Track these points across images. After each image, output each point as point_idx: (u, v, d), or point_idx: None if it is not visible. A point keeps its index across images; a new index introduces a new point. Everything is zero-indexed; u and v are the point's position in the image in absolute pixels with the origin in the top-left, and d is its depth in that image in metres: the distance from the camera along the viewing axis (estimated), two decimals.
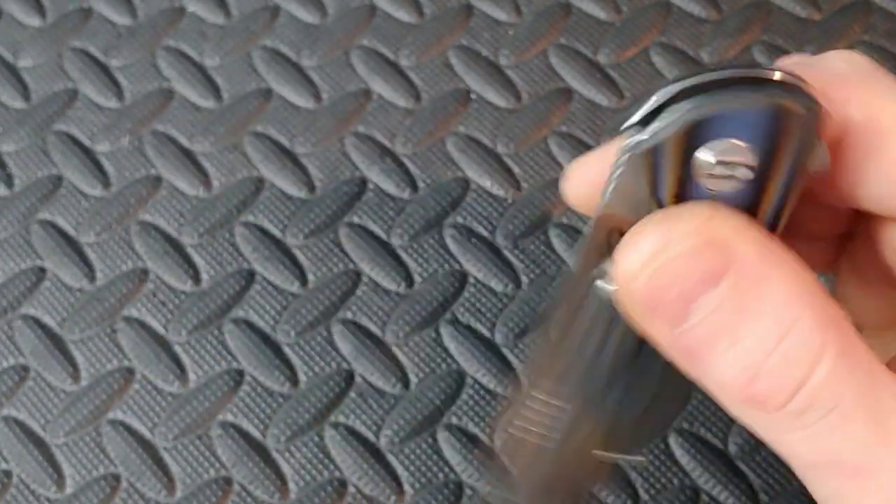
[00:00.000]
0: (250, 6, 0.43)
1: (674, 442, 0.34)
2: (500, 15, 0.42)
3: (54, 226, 0.39)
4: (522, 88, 0.40)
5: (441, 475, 0.34)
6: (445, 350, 0.36)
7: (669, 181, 0.18)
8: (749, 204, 0.19)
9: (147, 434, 0.35)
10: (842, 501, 0.18)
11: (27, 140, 0.40)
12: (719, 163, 0.18)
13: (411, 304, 0.36)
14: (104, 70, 0.42)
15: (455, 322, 0.36)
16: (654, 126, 0.17)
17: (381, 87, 0.41)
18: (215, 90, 0.41)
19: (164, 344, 0.36)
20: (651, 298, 0.18)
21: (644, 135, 0.18)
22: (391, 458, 0.34)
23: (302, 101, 0.40)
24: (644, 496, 0.33)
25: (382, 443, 0.35)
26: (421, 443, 0.35)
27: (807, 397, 0.18)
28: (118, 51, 0.42)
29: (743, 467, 0.34)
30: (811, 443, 0.18)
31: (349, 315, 0.36)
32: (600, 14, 0.42)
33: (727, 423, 0.34)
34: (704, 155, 0.18)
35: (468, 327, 0.36)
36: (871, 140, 0.19)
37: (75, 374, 0.36)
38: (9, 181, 0.40)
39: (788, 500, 0.33)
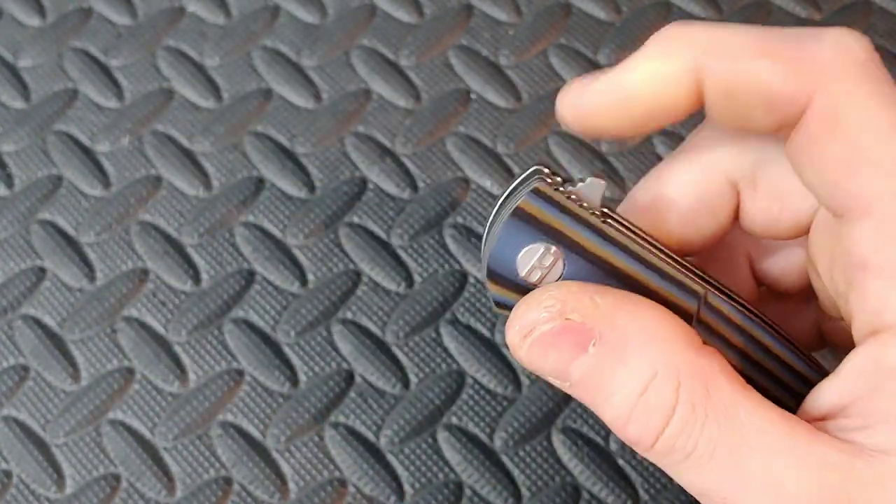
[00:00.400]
0: (250, 6, 0.43)
1: None
2: (500, 15, 0.42)
3: (54, 226, 0.39)
4: (522, 88, 0.40)
5: (441, 475, 0.34)
6: (445, 350, 0.36)
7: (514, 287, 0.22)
8: (592, 269, 0.22)
9: (147, 434, 0.35)
10: None
11: (27, 140, 0.40)
12: (530, 270, 0.22)
13: (411, 304, 0.36)
14: (104, 70, 0.42)
15: (455, 322, 0.36)
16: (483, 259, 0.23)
17: (381, 87, 0.41)
18: (215, 90, 0.41)
19: (164, 344, 0.36)
20: (535, 364, 0.22)
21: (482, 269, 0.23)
22: (391, 458, 0.34)
23: (302, 101, 0.40)
24: (644, 496, 0.33)
25: (382, 443, 0.35)
26: (421, 443, 0.35)
27: (665, 443, 0.21)
28: (118, 51, 0.42)
29: None
30: (682, 478, 0.21)
31: (349, 315, 0.36)
32: (600, 14, 0.42)
33: None
34: (519, 270, 0.22)
35: (468, 327, 0.36)
36: (819, 135, 0.21)
37: (75, 374, 0.36)
38: (9, 181, 0.40)
39: None
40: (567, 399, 0.35)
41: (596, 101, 0.23)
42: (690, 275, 0.23)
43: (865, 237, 0.21)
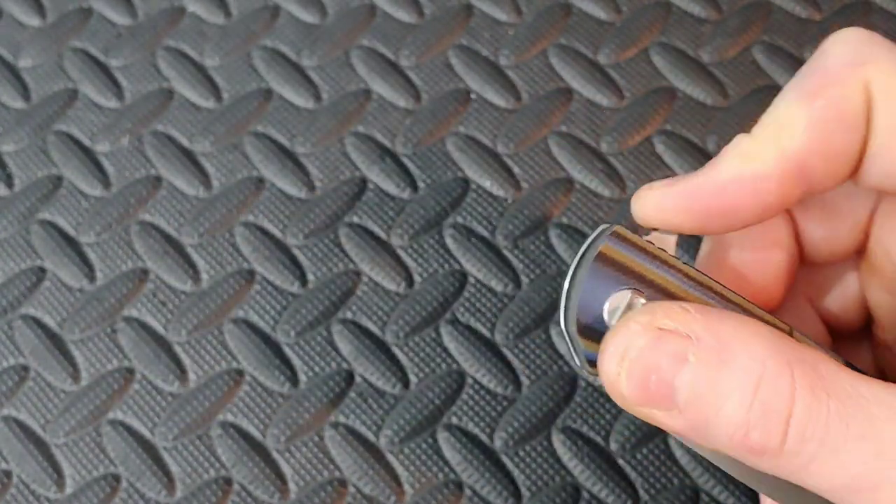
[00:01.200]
0: (250, 6, 0.43)
1: (674, 442, 0.34)
2: (500, 15, 0.42)
3: (54, 226, 0.39)
4: (522, 88, 0.40)
5: (441, 475, 0.34)
6: (445, 350, 0.36)
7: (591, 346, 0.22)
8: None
9: (147, 434, 0.35)
10: None
11: (27, 140, 0.40)
12: (617, 312, 0.21)
13: (411, 304, 0.36)
14: (104, 70, 0.42)
15: (455, 322, 0.36)
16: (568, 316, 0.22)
17: (381, 87, 0.41)
18: (215, 90, 0.41)
19: (164, 344, 0.36)
20: (637, 393, 0.21)
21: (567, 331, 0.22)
22: (391, 458, 0.34)
23: (302, 101, 0.40)
24: (644, 496, 0.33)
25: (382, 443, 0.35)
26: (421, 443, 0.35)
27: (796, 436, 0.19)
28: (118, 51, 0.42)
29: None
30: (820, 472, 0.19)
31: (349, 315, 0.36)
32: (600, 14, 0.42)
33: None
34: (608, 319, 0.21)
35: (468, 327, 0.36)
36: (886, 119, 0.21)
37: (75, 374, 0.36)
38: (9, 181, 0.40)
39: None
40: (567, 399, 0.35)
41: (677, 204, 0.23)
42: (771, 315, 0.22)
43: None
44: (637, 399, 0.21)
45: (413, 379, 0.35)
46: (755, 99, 0.39)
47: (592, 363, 0.22)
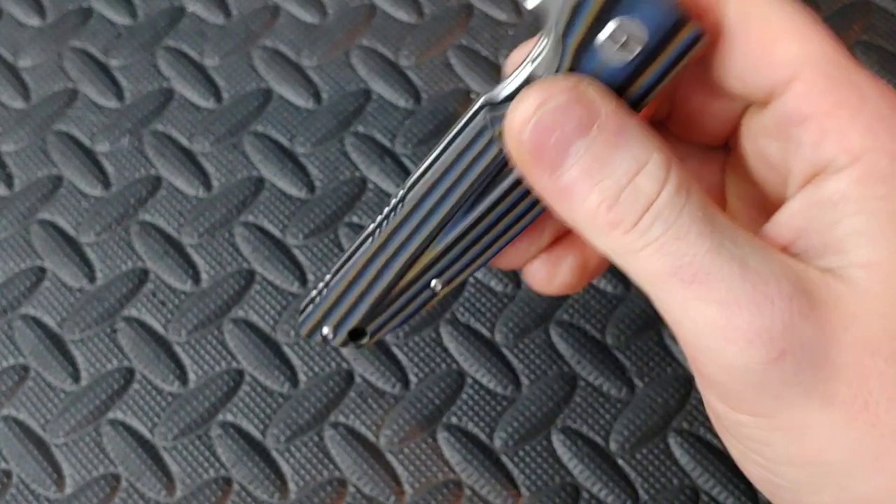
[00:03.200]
0: (250, 6, 0.43)
1: (673, 442, 0.34)
2: (500, 15, 0.42)
3: (54, 226, 0.39)
4: None
5: (441, 475, 0.34)
6: (445, 350, 0.36)
7: (576, 41, 0.23)
8: (620, 85, 0.23)
9: (147, 434, 0.35)
10: (685, 309, 0.22)
11: (27, 140, 0.40)
12: (618, 29, 0.23)
13: None
14: (104, 70, 0.42)
15: (455, 322, 0.36)
16: None
17: (380, 87, 0.41)
18: (215, 90, 0.41)
19: (164, 344, 0.36)
20: (535, 145, 0.23)
21: None
22: (391, 458, 0.34)
23: (302, 101, 0.40)
24: (643, 496, 0.33)
25: (382, 443, 0.35)
26: (420, 443, 0.35)
27: (652, 216, 0.22)
28: (118, 51, 0.42)
29: None
30: (657, 256, 0.22)
31: None
32: None
33: None
34: (613, 22, 0.23)
35: (468, 327, 0.36)
36: (739, 31, 0.24)
37: (75, 374, 0.36)
38: (9, 181, 0.40)
39: None
40: (567, 399, 0.35)
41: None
42: None
43: (798, 95, 0.23)
44: (532, 146, 0.23)
45: (413, 379, 0.35)
46: None
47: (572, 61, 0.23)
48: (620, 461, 0.34)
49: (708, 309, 0.22)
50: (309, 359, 0.36)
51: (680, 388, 0.35)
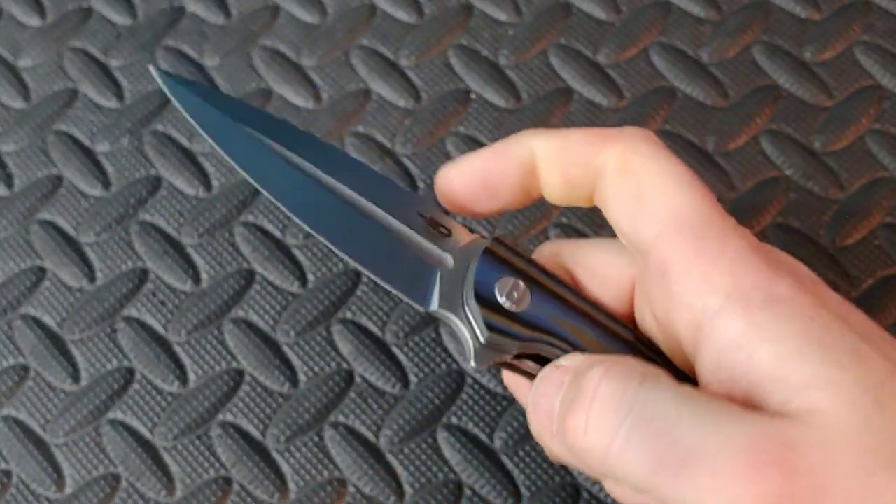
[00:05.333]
0: (250, 6, 0.43)
1: None
2: (500, 15, 0.42)
3: (54, 226, 0.39)
4: (522, 88, 0.40)
5: (441, 475, 0.34)
6: (445, 350, 0.36)
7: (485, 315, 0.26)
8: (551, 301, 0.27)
9: (147, 434, 0.35)
10: (680, 496, 0.22)
11: (27, 140, 0.40)
12: (507, 294, 0.26)
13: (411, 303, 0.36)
14: (104, 70, 0.42)
15: None
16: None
17: (380, 87, 0.41)
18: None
19: (164, 344, 0.36)
20: (535, 414, 0.26)
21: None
22: (391, 458, 0.34)
23: (302, 101, 0.40)
24: None
25: (382, 443, 0.35)
26: (420, 443, 0.35)
27: (613, 413, 0.23)
28: (118, 51, 0.42)
29: None
30: (634, 454, 0.23)
31: (349, 315, 0.36)
32: (600, 14, 0.42)
33: None
34: (498, 295, 0.26)
35: None
36: (616, 180, 0.26)
37: (75, 374, 0.36)
38: (9, 181, 0.40)
39: None
40: None
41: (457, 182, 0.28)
42: (614, 318, 0.27)
43: (663, 249, 0.25)
44: (535, 418, 0.25)
45: (413, 379, 0.35)
46: (755, 99, 0.39)
47: (491, 328, 0.26)
48: None
49: (705, 494, 0.21)
50: (309, 359, 0.36)
51: None
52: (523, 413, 0.35)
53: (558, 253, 0.29)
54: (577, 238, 0.34)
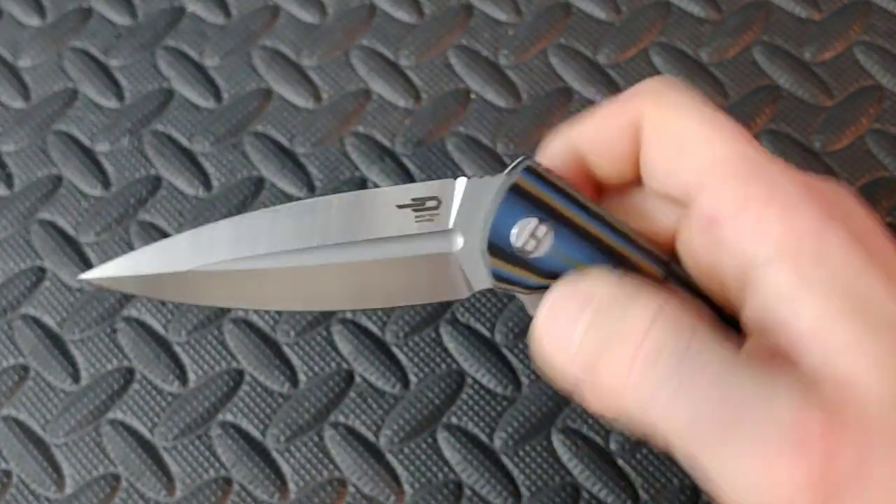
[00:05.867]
0: (250, 6, 0.43)
1: None
2: (500, 15, 0.42)
3: (54, 226, 0.39)
4: (522, 88, 0.40)
5: (440, 475, 0.34)
6: (445, 350, 0.36)
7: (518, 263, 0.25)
8: (578, 241, 0.25)
9: (147, 434, 0.35)
10: (720, 468, 0.22)
11: (27, 140, 0.40)
12: (524, 241, 0.25)
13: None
14: (104, 70, 0.42)
15: (455, 322, 0.36)
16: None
17: (380, 87, 0.41)
18: (215, 90, 0.41)
19: (164, 344, 0.36)
20: (547, 331, 0.24)
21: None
22: (391, 458, 0.34)
23: (302, 101, 0.40)
24: (643, 496, 0.33)
25: (382, 443, 0.35)
26: (420, 443, 0.35)
27: (663, 366, 0.22)
28: (118, 51, 0.42)
29: None
30: (676, 406, 0.22)
31: (349, 315, 0.36)
32: (600, 14, 0.42)
33: None
34: (514, 241, 0.25)
35: (468, 327, 0.36)
36: (653, 139, 0.25)
37: (75, 374, 0.36)
38: (9, 181, 0.40)
39: None
40: (567, 399, 0.35)
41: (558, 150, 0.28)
42: (653, 246, 0.26)
43: (711, 197, 0.24)
44: (545, 340, 0.24)
45: (413, 379, 0.35)
46: (755, 99, 0.39)
47: (497, 277, 0.25)
48: (620, 461, 0.34)
49: (744, 465, 0.21)
50: (309, 359, 0.36)
51: None
52: (523, 413, 0.35)
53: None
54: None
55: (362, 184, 0.39)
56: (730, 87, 0.40)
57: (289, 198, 0.39)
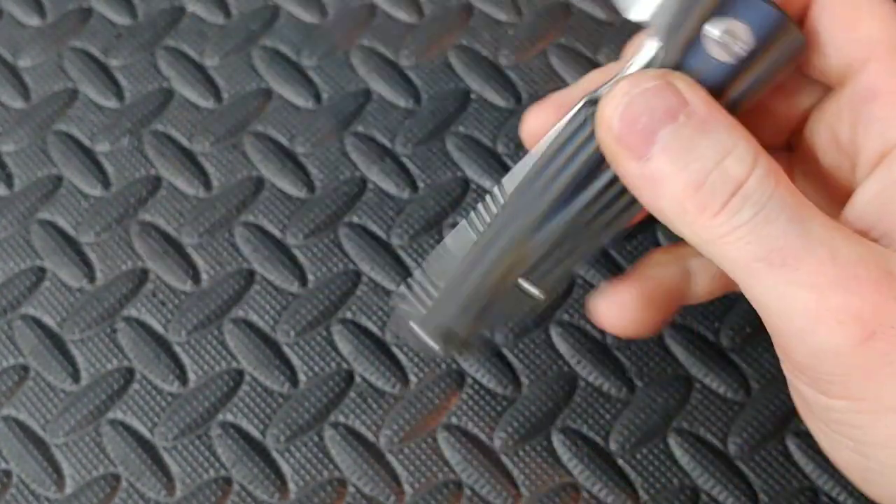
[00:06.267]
0: (250, 6, 0.43)
1: (674, 442, 0.34)
2: (500, 15, 0.42)
3: (54, 226, 0.39)
4: (522, 88, 0.40)
5: (440, 475, 0.34)
6: None
7: (682, 40, 0.24)
8: (719, 87, 0.24)
9: (147, 434, 0.35)
10: (775, 293, 0.23)
11: (27, 140, 0.40)
12: (726, 31, 0.24)
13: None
14: (104, 70, 0.42)
15: None
16: None
17: (380, 87, 0.41)
18: (215, 90, 0.41)
19: (164, 344, 0.36)
20: (623, 131, 0.23)
21: None
22: (391, 458, 0.34)
23: (302, 101, 0.40)
24: (644, 496, 0.33)
25: (382, 443, 0.35)
26: (420, 443, 0.35)
27: (741, 199, 0.22)
28: (118, 51, 0.42)
29: (742, 467, 0.34)
30: (745, 240, 0.23)
31: (349, 315, 0.36)
32: (600, 14, 0.42)
33: (727, 423, 0.34)
34: (719, 19, 0.24)
35: None
36: (825, 11, 0.25)
37: (75, 374, 0.36)
38: (9, 181, 0.40)
39: (788, 500, 0.33)
40: (567, 399, 0.35)
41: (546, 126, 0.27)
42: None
43: (872, 73, 0.24)
44: (620, 132, 0.23)
45: (413, 379, 0.35)
46: None
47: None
48: (620, 461, 0.34)
49: (799, 292, 0.22)
50: (309, 359, 0.36)
51: (680, 387, 0.35)
52: (523, 413, 0.35)
53: None
54: None
55: (362, 184, 0.39)
56: None
57: (289, 198, 0.39)
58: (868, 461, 0.24)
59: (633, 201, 0.26)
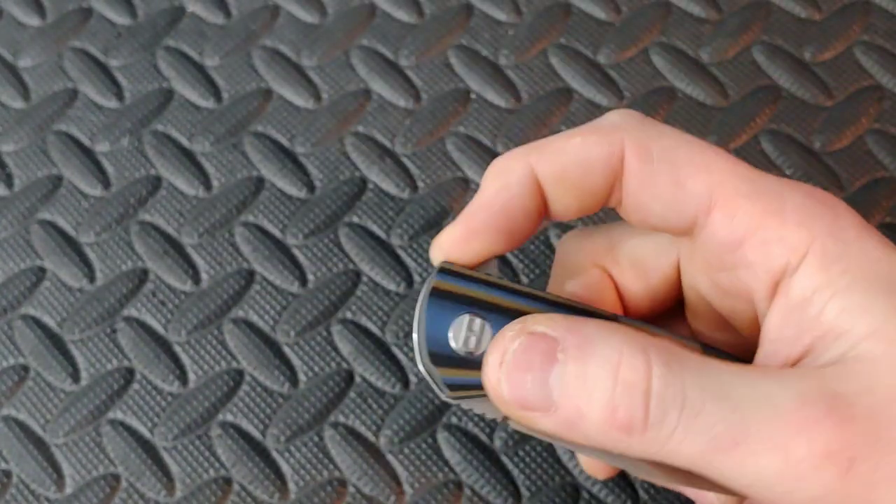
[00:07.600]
0: (250, 6, 0.43)
1: None
2: (500, 15, 0.42)
3: (54, 226, 0.39)
4: (522, 88, 0.40)
5: (440, 475, 0.34)
6: None
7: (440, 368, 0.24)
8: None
9: (147, 434, 0.35)
10: (742, 473, 0.22)
11: (27, 140, 0.40)
12: (464, 339, 0.24)
13: (411, 303, 0.36)
14: (104, 70, 0.42)
15: None
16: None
17: (381, 87, 0.41)
18: (215, 90, 0.41)
19: (164, 344, 0.36)
20: (517, 396, 0.23)
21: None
22: (391, 458, 0.34)
23: (302, 101, 0.40)
24: (643, 496, 0.33)
25: (382, 443, 0.35)
26: (420, 443, 0.35)
27: (657, 404, 0.22)
28: (118, 51, 0.42)
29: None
30: (684, 440, 0.22)
31: (349, 315, 0.36)
32: (600, 14, 0.42)
33: None
34: (454, 343, 0.24)
35: None
36: (643, 171, 0.25)
37: (75, 374, 0.36)
38: (9, 181, 0.40)
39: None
40: None
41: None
42: (594, 308, 0.26)
43: (723, 221, 0.24)
44: (517, 400, 0.23)
45: (413, 379, 0.35)
46: (755, 99, 0.39)
47: (453, 387, 0.24)
48: None
49: (762, 461, 0.22)
50: (309, 359, 0.36)
51: None
52: None
53: (587, 249, 0.28)
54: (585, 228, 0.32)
55: (362, 184, 0.39)
56: (730, 87, 0.40)
57: (289, 198, 0.39)
58: None
59: None
